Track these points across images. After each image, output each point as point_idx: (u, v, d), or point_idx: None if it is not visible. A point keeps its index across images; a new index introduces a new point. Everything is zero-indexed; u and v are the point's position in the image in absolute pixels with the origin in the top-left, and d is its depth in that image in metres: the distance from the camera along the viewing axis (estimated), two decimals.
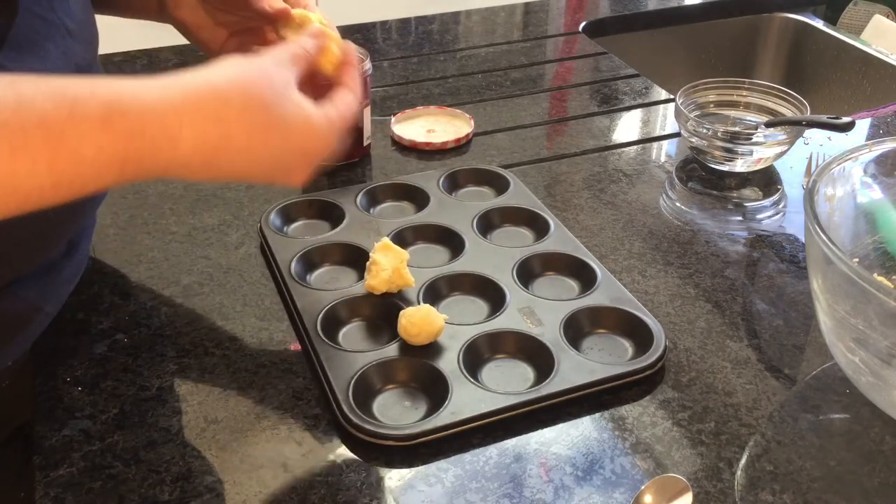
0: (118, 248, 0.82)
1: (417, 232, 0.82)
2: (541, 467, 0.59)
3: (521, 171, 0.95)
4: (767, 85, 1.01)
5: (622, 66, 1.25)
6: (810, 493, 0.58)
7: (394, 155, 1.00)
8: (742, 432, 0.62)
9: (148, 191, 0.92)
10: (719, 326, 0.73)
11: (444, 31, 1.38)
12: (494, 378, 0.66)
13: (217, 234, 0.84)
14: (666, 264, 0.81)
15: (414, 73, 1.22)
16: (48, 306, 0.68)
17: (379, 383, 0.65)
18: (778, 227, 0.88)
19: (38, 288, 0.67)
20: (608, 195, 0.92)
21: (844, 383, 0.66)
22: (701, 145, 0.95)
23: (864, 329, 0.58)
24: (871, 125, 1.09)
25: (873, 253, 0.73)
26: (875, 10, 1.56)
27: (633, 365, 0.66)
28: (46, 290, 0.68)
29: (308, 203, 0.86)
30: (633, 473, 0.59)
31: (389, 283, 0.72)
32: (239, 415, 0.63)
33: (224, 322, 0.73)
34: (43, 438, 0.61)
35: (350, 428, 0.60)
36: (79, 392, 0.65)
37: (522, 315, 0.71)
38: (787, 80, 1.46)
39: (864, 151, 0.70)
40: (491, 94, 1.16)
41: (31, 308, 0.67)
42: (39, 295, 0.67)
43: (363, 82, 0.93)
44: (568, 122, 1.10)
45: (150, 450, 0.60)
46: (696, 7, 1.49)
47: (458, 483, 0.58)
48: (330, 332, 0.69)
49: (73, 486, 0.58)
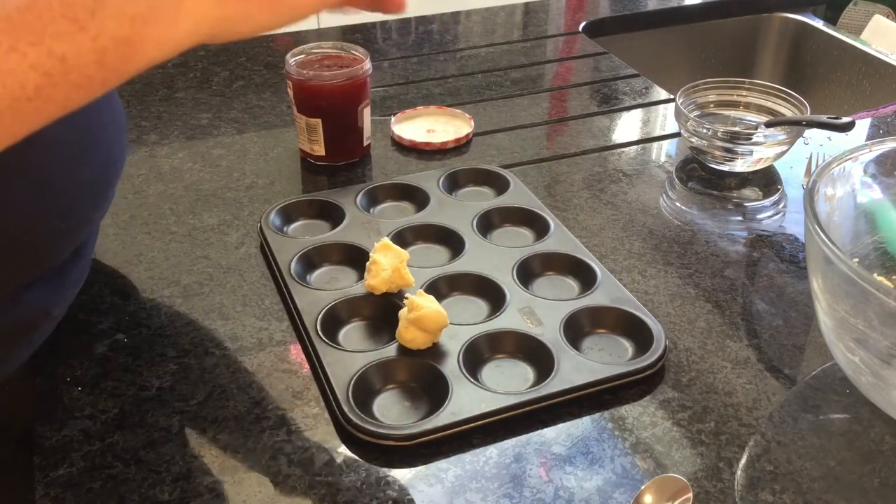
0: (118, 248, 0.82)
1: (417, 232, 0.82)
2: (541, 467, 0.59)
3: (521, 171, 0.96)
4: (767, 85, 1.01)
5: (622, 66, 1.25)
6: (810, 493, 0.58)
7: (394, 155, 1.00)
8: (742, 432, 0.62)
9: (148, 191, 0.92)
10: (719, 326, 0.73)
11: (444, 31, 1.38)
12: (494, 378, 0.66)
13: (217, 234, 0.84)
14: (666, 264, 0.81)
15: (414, 73, 1.22)
16: (55, 311, 0.68)
17: (379, 383, 0.65)
18: (778, 227, 0.88)
19: (46, 293, 0.67)
20: (608, 195, 0.92)
21: (844, 383, 0.66)
22: (701, 145, 0.95)
23: (864, 329, 0.58)
24: (871, 125, 1.09)
25: (873, 253, 0.73)
26: (875, 10, 1.56)
27: (633, 365, 0.66)
28: (54, 295, 0.68)
29: (308, 203, 0.86)
30: (633, 473, 0.59)
31: (389, 283, 0.72)
32: (239, 415, 0.63)
33: (224, 322, 0.73)
34: (43, 438, 0.61)
35: (350, 428, 0.60)
36: (79, 392, 0.65)
37: (522, 315, 0.71)
38: (787, 80, 1.46)
39: (864, 151, 0.70)
40: (491, 94, 1.16)
41: (40, 313, 0.66)
42: (47, 300, 0.67)
43: (363, 82, 0.93)
44: (568, 122, 1.10)
45: (150, 450, 0.60)
46: (696, 7, 1.49)
47: (458, 483, 0.58)
48: (330, 332, 0.69)
49: (73, 486, 0.58)
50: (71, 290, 0.72)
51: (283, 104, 1.11)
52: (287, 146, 1.01)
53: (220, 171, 0.96)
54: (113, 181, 0.70)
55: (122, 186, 0.92)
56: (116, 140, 0.70)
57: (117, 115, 0.71)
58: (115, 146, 0.69)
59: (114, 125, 0.69)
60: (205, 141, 1.02)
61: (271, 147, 1.01)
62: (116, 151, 0.70)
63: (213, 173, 0.95)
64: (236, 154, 0.99)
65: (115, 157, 0.70)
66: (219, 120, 1.07)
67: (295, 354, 0.69)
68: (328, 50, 0.96)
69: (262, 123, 1.07)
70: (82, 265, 0.73)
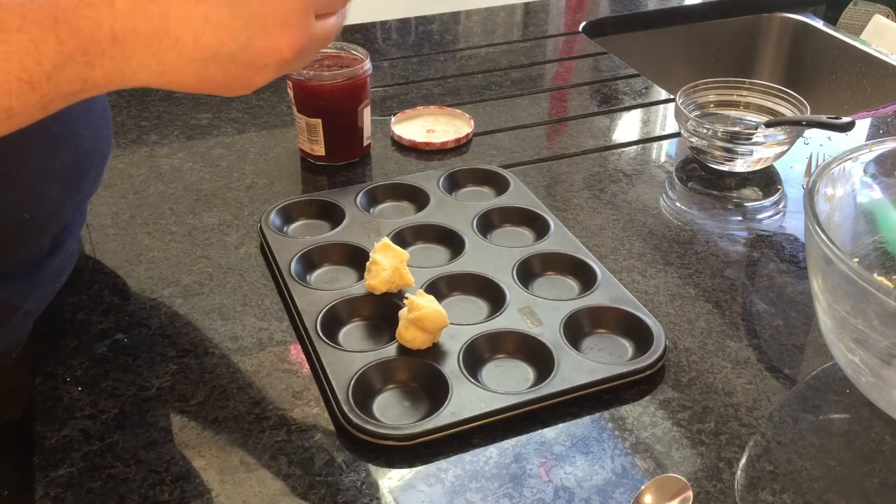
0: (118, 248, 0.82)
1: (417, 232, 0.82)
2: (541, 467, 0.59)
3: (521, 171, 0.96)
4: (767, 85, 1.01)
5: (622, 66, 1.25)
6: (810, 493, 0.58)
7: (394, 155, 1.00)
8: (742, 432, 0.62)
9: (148, 191, 0.92)
10: (719, 326, 0.73)
11: (444, 31, 1.38)
12: (494, 378, 0.66)
13: (217, 234, 0.84)
14: (666, 264, 0.81)
15: (414, 73, 1.22)
16: (28, 305, 0.68)
17: (379, 383, 0.65)
18: (778, 227, 0.88)
19: (14, 287, 0.66)
20: (608, 195, 0.92)
21: (844, 383, 0.66)
22: (701, 145, 0.95)
23: (864, 329, 0.58)
24: (871, 125, 1.09)
25: (873, 253, 0.73)
26: (875, 10, 1.56)
27: (633, 365, 0.66)
28: (25, 289, 0.67)
29: (308, 203, 0.86)
30: (633, 473, 0.59)
31: (389, 283, 0.72)
32: (239, 415, 0.63)
33: (224, 322, 0.73)
34: (43, 438, 0.61)
35: (350, 428, 0.60)
36: (79, 392, 0.65)
37: (522, 315, 0.71)
38: (787, 80, 1.46)
39: (864, 151, 0.70)
40: (491, 94, 1.16)
41: (8, 308, 0.66)
42: (16, 294, 0.66)
43: (363, 82, 0.93)
44: (568, 122, 1.10)
45: (150, 450, 0.60)
46: (696, 7, 1.49)
47: (458, 483, 0.58)
48: (330, 332, 0.69)
49: (73, 486, 0.58)
50: (49, 285, 0.71)
51: (283, 104, 1.11)
52: (287, 146, 1.01)
53: (220, 171, 0.96)
54: (86, 173, 0.69)
55: (122, 186, 0.92)
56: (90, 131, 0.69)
57: (95, 107, 0.70)
58: (88, 138, 0.68)
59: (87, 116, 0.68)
60: (205, 141, 1.02)
61: (271, 147, 1.01)
62: (89, 142, 0.69)
63: (213, 173, 0.95)
64: (236, 154, 0.99)
65: (88, 147, 0.69)
66: (219, 120, 1.07)
67: (295, 354, 0.69)
68: (328, 50, 0.96)
69: (262, 123, 1.07)
70: (62, 259, 0.72)
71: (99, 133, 0.70)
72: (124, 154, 0.99)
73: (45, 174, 0.64)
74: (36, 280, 0.69)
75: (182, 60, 0.47)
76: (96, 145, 0.70)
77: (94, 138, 0.70)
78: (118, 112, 1.08)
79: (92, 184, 0.72)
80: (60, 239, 0.71)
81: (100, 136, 0.71)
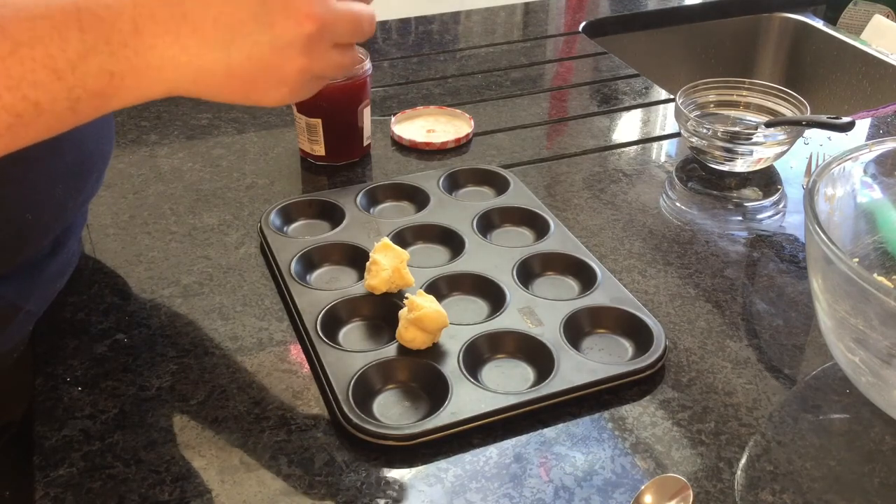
0: (118, 248, 0.82)
1: (417, 232, 0.82)
2: (541, 467, 0.59)
3: (521, 171, 0.96)
4: (767, 85, 1.01)
5: (622, 66, 1.25)
6: (810, 493, 0.58)
7: (394, 155, 1.00)
8: (742, 432, 0.62)
9: (148, 191, 0.92)
10: (719, 326, 0.73)
11: (444, 31, 1.38)
12: (494, 378, 0.66)
13: (217, 234, 0.84)
14: (666, 264, 0.81)
15: (414, 73, 1.22)
16: (30, 305, 0.68)
17: (379, 383, 0.65)
18: (778, 227, 0.88)
19: (17, 287, 0.66)
20: (608, 195, 0.92)
21: (844, 383, 0.66)
22: (701, 145, 0.95)
23: (864, 329, 0.58)
24: (871, 125, 1.09)
25: (873, 253, 0.73)
26: (875, 10, 1.56)
27: (633, 365, 0.66)
28: (27, 289, 0.67)
29: (308, 203, 0.86)
30: (633, 473, 0.59)
31: (389, 283, 0.72)
32: (239, 415, 0.63)
33: (224, 322, 0.73)
34: (43, 438, 0.61)
35: (350, 428, 0.60)
36: (79, 392, 0.65)
37: (522, 315, 0.71)
38: (787, 80, 1.46)
39: (864, 151, 0.70)
40: (491, 94, 1.16)
41: (10, 308, 0.66)
42: (19, 294, 0.67)
43: (363, 82, 0.93)
44: (568, 122, 1.10)
45: (150, 450, 0.60)
46: (696, 7, 1.49)
47: (458, 483, 0.58)
48: (330, 332, 0.69)
49: (73, 486, 0.58)
50: (50, 285, 0.71)
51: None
52: (287, 146, 1.01)
53: (220, 171, 0.96)
54: (88, 173, 0.70)
55: (122, 186, 0.92)
56: (93, 131, 0.69)
57: None
58: (91, 138, 0.69)
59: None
60: (205, 141, 1.02)
61: (271, 147, 1.01)
62: (92, 142, 0.69)
63: (213, 173, 0.95)
64: (236, 154, 0.99)
65: (91, 147, 0.69)
66: (219, 120, 1.07)
67: (295, 354, 0.69)
68: None
69: (262, 123, 1.07)
70: (63, 259, 0.72)
71: (101, 133, 0.71)
72: (124, 154, 0.99)
73: (50, 175, 0.64)
74: (38, 280, 0.69)
75: (205, 47, 0.48)
76: (99, 145, 0.71)
77: (96, 138, 0.70)
78: (118, 112, 1.08)
79: (94, 184, 0.72)
80: (62, 239, 0.71)
81: (102, 137, 0.71)
